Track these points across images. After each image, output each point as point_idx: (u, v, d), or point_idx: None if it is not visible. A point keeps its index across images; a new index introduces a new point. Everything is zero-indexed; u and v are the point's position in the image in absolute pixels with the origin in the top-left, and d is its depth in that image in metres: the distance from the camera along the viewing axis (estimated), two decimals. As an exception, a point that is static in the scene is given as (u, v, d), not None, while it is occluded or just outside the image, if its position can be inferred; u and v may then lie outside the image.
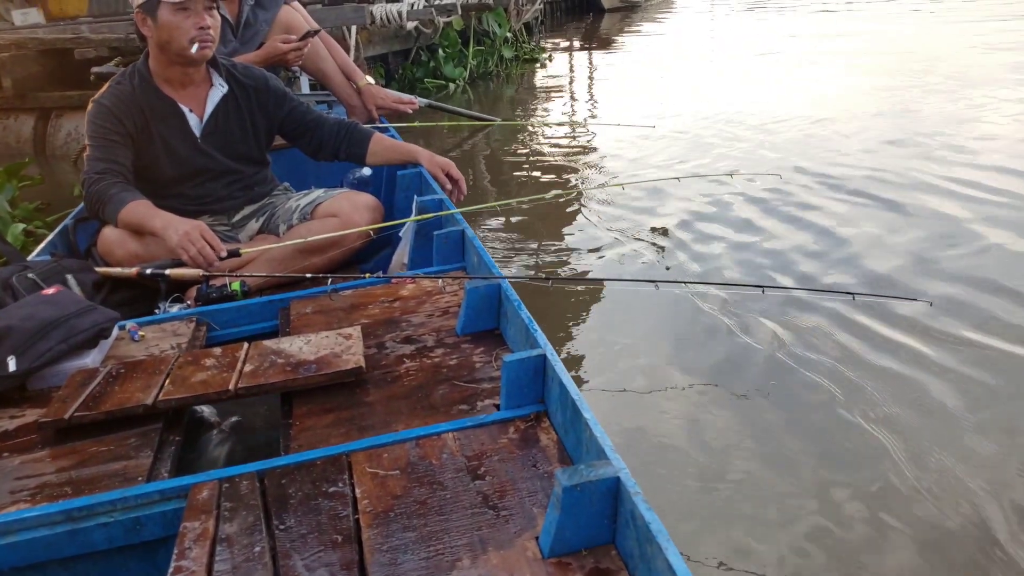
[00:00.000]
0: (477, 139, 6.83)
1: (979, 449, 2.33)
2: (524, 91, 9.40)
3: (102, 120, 2.50)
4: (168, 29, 2.45)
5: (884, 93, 7.46)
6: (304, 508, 1.27)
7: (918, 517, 2.08)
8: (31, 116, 6.62)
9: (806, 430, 2.48)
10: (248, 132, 2.73)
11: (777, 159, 5.43)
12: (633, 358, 2.99)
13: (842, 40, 11.31)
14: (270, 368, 1.70)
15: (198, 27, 2.47)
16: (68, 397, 1.64)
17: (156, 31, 2.46)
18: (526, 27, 11.31)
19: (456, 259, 2.39)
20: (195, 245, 2.26)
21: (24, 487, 1.43)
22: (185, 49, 2.49)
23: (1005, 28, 10.82)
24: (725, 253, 3.88)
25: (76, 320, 1.83)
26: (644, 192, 4.83)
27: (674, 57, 11.16)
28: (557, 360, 1.49)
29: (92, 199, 2.44)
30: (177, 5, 2.42)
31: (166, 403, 1.61)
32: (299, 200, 2.76)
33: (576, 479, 1.10)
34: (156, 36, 2.48)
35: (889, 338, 2.96)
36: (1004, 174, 4.75)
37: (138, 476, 1.44)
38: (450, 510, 1.24)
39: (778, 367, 2.83)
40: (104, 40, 6.50)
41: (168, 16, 2.43)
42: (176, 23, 2.44)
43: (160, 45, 2.50)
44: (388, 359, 1.81)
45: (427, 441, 1.42)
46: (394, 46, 8.74)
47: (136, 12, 2.46)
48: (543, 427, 1.45)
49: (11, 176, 4.37)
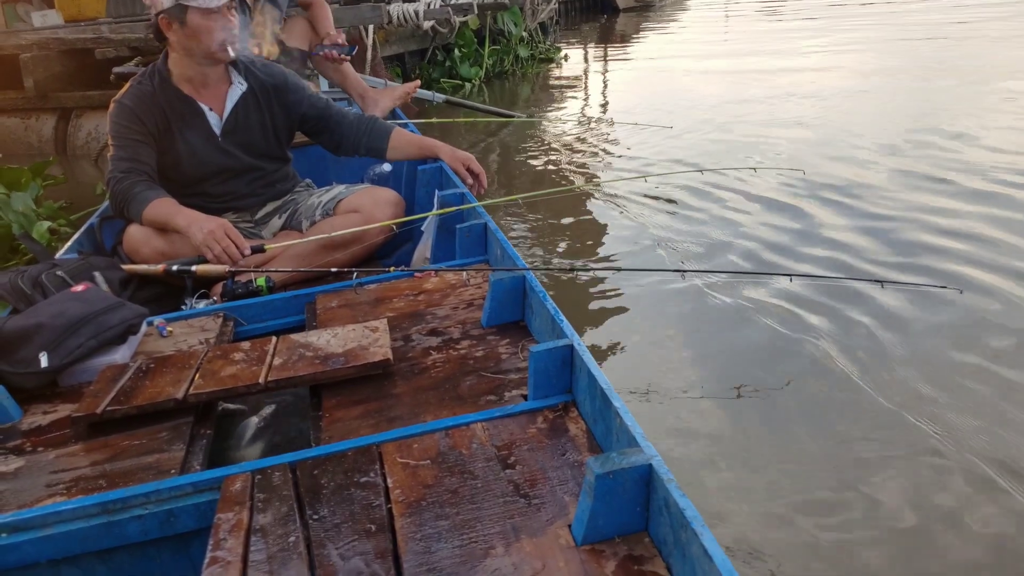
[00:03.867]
0: (496, 136, 6.83)
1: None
2: (540, 90, 9.38)
3: (124, 120, 2.52)
4: (198, 33, 2.47)
5: (904, 85, 7.41)
6: (337, 498, 1.27)
7: (967, 524, 2.04)
8: (52, 116, 6.68)
9: (840, 422, 2.46)
10: (268, 129, 2.74)
11: (800, 154, 5.40)
12: (659, 347, 2.98)
13: (859, 33, 11.24)
14: (299, 361, 1.71)
15: (226, 28, 2.49)
16: (100, 392, 1.65)
17: (184, 35, 2.48)
18: (541, 26, 11.29)
19: (479, 252, 2.39)
20: (220, 243, 2.29)
21: (59, 480, 1.45)
22: (214, 52, 2.51)
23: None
24: (750, 243, 3.86)
25: (105, 316, 1.85)
26: (666, 184, 4.82)
27: (690, 55, 11.11)
28: (585, 350, 1.48)
29: (117, 198, 2.47)
30: (207, 9, 2.44)
31: (196, 397, 1.63)
32: (321, 196, 2.77)
33: (609, 466, 1.10)
34: (183, 40, 2.49)
35: (920, 325, 2.94)
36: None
37: (171, 469, 1.45)
38: (482, 499, 1.25)
39: (804, 355, 2.81)
40: (124, 40, 6.55)
41: (198, 20, 2.45)
42: (206, 26, 2.47)
43: (187, 48, 2.51)
44: (415, 351, 1.81)
45: (456, 431, 1.43)
46: (410, 46, 8.75)
47: (161, 17, 2.45)
48: (571, 416, 1.45)
49: (36, 175, 4.41)
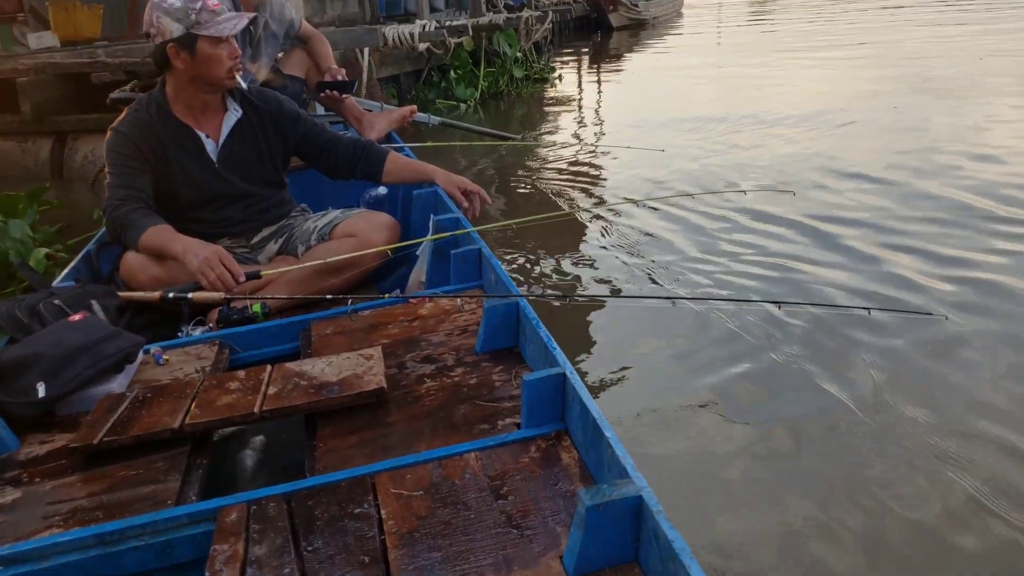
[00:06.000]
0: (490, 157, 6.87)
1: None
2: (535, 110, 9.44)
3: (121, 148, 2.55)
4: (207, 61, 2.50)
5: (895, 102, 7.48)
6: (331, 529, 1.29)
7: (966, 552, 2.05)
8: (49, 139, 6.70)
9: (828, 447, 2.48)
10: (264, 155, 2.77)
11: (790, 175, 5.46)
12: (651, 375, 3.01)
13: (850, 50, 11.34)
14: (294, 390, 1.72)
15: (232, 57, 2.53)
16: (97, 422, 1.66)
17: (192, 63, 2.50)
18: (536, 47, 11.39)
19: (473, 277, 2.41)
20: (214, 271, 2.30)
21: (56, 512, 1.46)
22: (222, 79, 2.55)
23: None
24: (740, 269, 3.89)
25: (103, 345, 1.86)
26: (658, 209, 4.86)
27: (682, 74, 11.20)
28: (577, 378, 1.50)
29: (113, 225, 2.49)
30: (217, 38, 2.48)
31: (193, 426, 1.64)
32: (317, 221, 2.80)
33: (599, 498, 1.12)
34: (191, 68, 2.51)
35: (908, 353, 2.97)
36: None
37: (167, 499, 1.47)
38: (474, 530, 1.26)
39: (796, 382, 2.84)
40: (121, 64, 6.58)
41: (208, 49, 2.48)
42: (216, 55, 2.50)
43: (193, 76, 2.54)
44: (409, 379, 1.83)
45: (450, 461, 1.44)
46: (406, 67, 8.82)
47: (170, 46, 2.47)
48: (564, 446, 1.47)
49: (32, 201, 4.42)
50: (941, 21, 14.42)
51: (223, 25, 2.49)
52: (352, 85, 3.88)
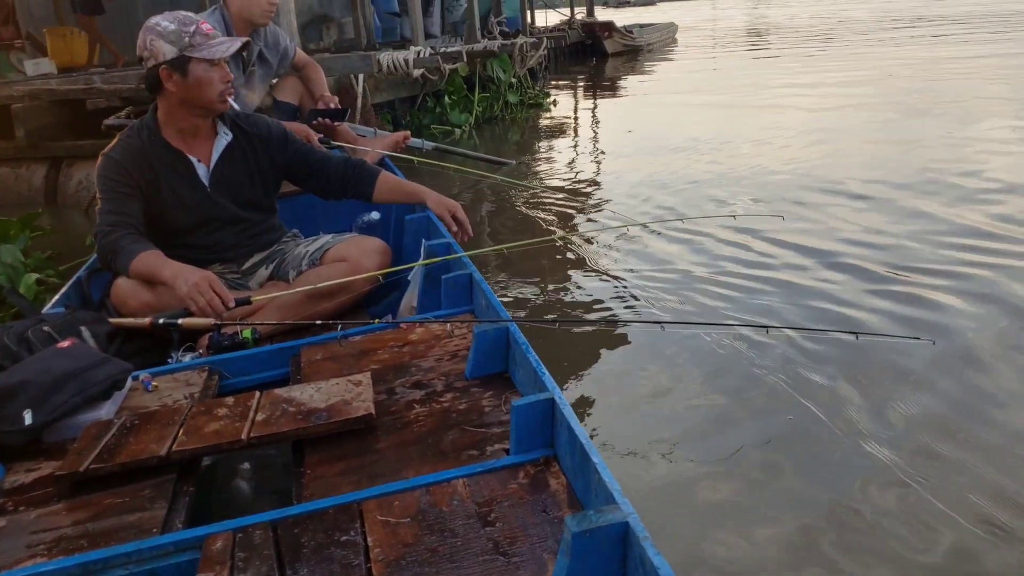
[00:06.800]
0: (484, 182, 6.89)
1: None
2: (529, 135, 9.48)
3: (112, 173, 2.55)
4: (200, 84, 2.51)
5: (885, 127, 7.53)
6: (317, 558, 1.28)
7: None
8: (43, 165, 6.73)
9: (818, 472, 2.47)
10: (255, 179, 2.77)
11: (780, 199, 5.48)
12: (640, 400, 3.00)
13: (841, 75, 11.44)
14: (282, 417, 1.72)
15: (224, 81, 2.54)
16: (83, 450, 1.65)
17: (185, 86, 2.51)
18: (530, 72, 11.45)
19: (464, 302, 2.41)
20: (204, 296, 2.29)
21: (41, 541, 1.45)
22: (214, 102, 2.56)
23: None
24: (729, 293, 3.89)
25: (90, 372, 1.86)
26: (649, 234, 4.87)
27: (676, 100, 11.26)
28: (566, 404, 1.50)
29: (104, 251, 2.49)
30: (210, 61, 2.49)
31: (180, 454, 1.63)
32: (308, 246, 2.80)
33: (585, 525, 1.11)
34: (183, 91, 2.52)
35: (897, 378, 2.97)
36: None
37: (153, 527, 1.45)
38: (461, 557, 1.25)
39: (785, 406, 2.83)
40: (116, 91, 6.62)
41: (200, 72, 2.49)
42: (208, 78, 2.51)
43: (185, 99, 2.54)
44: (398, 405, 1.83)
45: (437, 488, 1.44)
46: (400, 93, 8.85)
47: (162, 68, 2.48)
48: (552, 472, 1.46)
49: (25, 226, 4.44)
50: (933, 53, 14.55)
51: (216, 48, 2.50)
52: (345, 113, 3.90)
